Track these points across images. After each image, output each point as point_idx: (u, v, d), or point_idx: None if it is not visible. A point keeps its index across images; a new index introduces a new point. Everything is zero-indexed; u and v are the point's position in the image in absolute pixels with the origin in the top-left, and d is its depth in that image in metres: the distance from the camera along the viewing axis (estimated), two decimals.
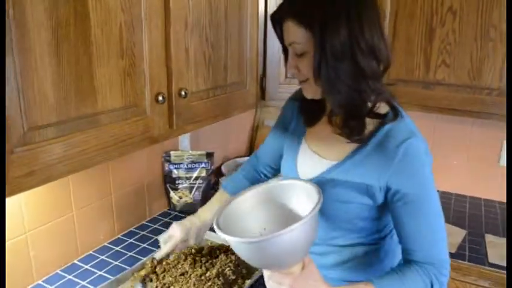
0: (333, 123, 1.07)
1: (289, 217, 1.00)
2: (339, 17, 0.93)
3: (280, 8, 1.03)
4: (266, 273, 0.97)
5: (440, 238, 1.04)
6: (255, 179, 1.44)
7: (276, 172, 1.43)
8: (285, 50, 1.09)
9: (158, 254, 1.33)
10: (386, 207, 1.07)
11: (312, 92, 1.06)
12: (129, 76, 1.06)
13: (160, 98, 1.14)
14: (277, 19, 1.04)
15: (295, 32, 0.99)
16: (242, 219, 1.02)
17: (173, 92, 1.19)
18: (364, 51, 0.95)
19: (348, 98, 0.99)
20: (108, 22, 0.98)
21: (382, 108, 1.05)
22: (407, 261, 1.05)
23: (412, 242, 1.03)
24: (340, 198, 1.07)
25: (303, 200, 1.00)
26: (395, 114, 1.04)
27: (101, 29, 0.96)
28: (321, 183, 1.06)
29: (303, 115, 1.20)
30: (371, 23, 0.96)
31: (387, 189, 1.02)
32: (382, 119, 1.03)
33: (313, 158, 1.14)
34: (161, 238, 1.34)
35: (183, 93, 1.21)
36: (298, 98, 1.20)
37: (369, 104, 1.02)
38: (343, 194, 1.06)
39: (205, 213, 1.36)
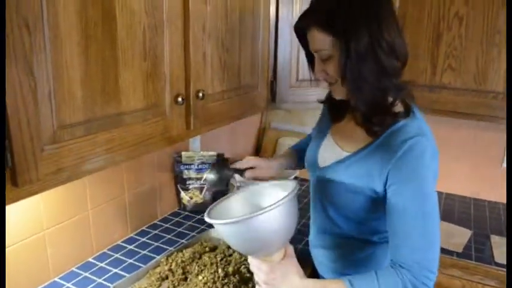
0: (355, 118, 1.13)
1: None
2: (359, 20, 0.99)
3: (304, 17, 1.08)
4: (249, 259, 1.05)
5: (429, 244, 1.02)
6: None
7: None
8: (309, 56, 1.15)
9: (237, 164, 1.40)
10: None
11: (341, 93, 1.10)
12: (151, 77, 1.09)
13: (179, 99, 1.17)
14: (302, 28, 1.10)
15: (320, 40, 1.04)
16: (231, 215, 1.09)
17: (191, 93, 1.23)
18: (385, 49, 1.00)
19: (372, 96, 1.04)
20: (132, 24, 1.01)
21: (398, 107, 1.09)
22: (391, 262, 1.05)
23: (397, 238, 1.03)
24: (349, 188, 1.12)
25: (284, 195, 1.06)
26: (407, 110, 1.08)
27: (126, 31, 1.00)
28: (333, 172, 1.16)
29: (330, 113, 1.28)
30: (388, 21, 1.01)
31: (386, 181, 1.04)
32: (397, 116, 1.07)
33: (334, 148, 1.21)
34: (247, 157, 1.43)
35: (200, 94, 1.24)
36: (325, 100, 1.29)
37: (390, 100, 1.07)
38: (351, 184, 1.11)
39: (279, 158, 1.51)
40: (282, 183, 1.13)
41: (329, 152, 1.22)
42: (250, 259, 1.05)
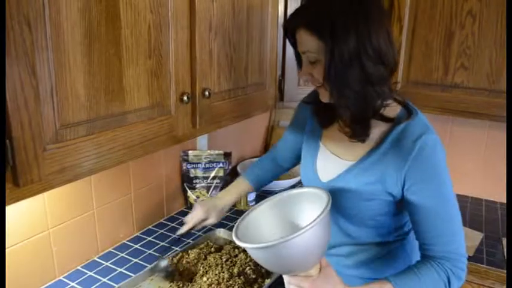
0: (340, 124, 1.11)
1: (304, 224, 1.02)
2: (347, 25, 0.95)
3: (293, 17, 1.05)
4: (286, 279, 0.99)
5: (457, 231, 1.04)
6: (276, 171, 1.52)
7: (296, 163, 1.49)
8: (298, 56, 1.11)
9: (180, 231, 1.41)
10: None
11: (327, 97, 1.07)
12: (156, 76, 1.07)
13: (185, 98, 1.16)
14: (290, 28, 1.06)
15: (308, 41, 1.01)
16: (259, 230, 1.05)
17: (197, 92, 1.21)
18: (372, 57, 0.96)
19: (354, 103, 1.01)
20: (137, 23, 0.99)
21: (393, 108, 1.07)
22: (424, 256, 1.06)
23: (429, 237, 1.04)
24: (362, 197, 1.09)
25: (314, 206, 1.02)
26: (409, 112, 1.06)
27: (131, 30, 0.98)
28: (342, 183, 1.10)
29: (317, 117, 1.23)
30: (378, 27, 0.97)
31: (404, 184, 1.04)
32: (391, 121, 1.05)
33: (333, 159, 1.17)
34: (185, 218, 1.42)
35: (206, 93, 1.23)
36: (311, 101, 1.23)
37: (377, 106, 1.03)
38: (364, 192, 1.08)
39: (225, 196, 1.47)
40: (312, 192, 1.06)
41: (328, 164, 1.18)
42: (287, 279, 0.98)
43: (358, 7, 0.96)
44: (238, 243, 0.94)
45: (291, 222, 1.07)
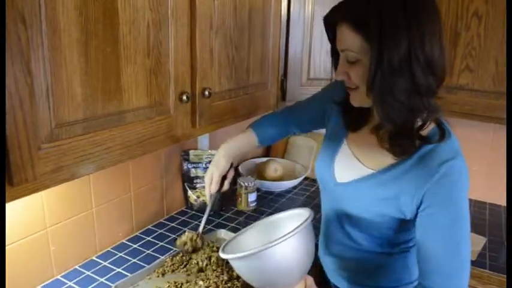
0: (380, 136, 1.01)
1: None
2: (400, 27, 0.86)
3: (336, 10, 0.96)
4: None
5: (462, 268, 0.97)
6: (284, 131, 1.41)
7: (306, 131, 1.44)
8: (334, 54, 1.04)
9: (212, 187, 1.33)
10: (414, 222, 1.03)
11: (360, 101, 1.01)
12: (154, 75, 1.06)
13: (184, 97, 1.14)
14: (331, 22, 0.98)
15: (350, 39, 0.92)
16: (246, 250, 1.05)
17: (197, 91, 1.20)
18: (423, 66, 0.88)
19: (399, 114, 0.92)
20: (136, 21, 0.98)
21: (429, 126, 1.00)
22: (420, 285, 1.00)
23: (431, 264, 0.98)
24: (373, 208, 1.06)
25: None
26: (442, 133, 0.98)
27: (129, 28, 0.97)
28: (356, 189, 1.07)
29: (345, 118, 1.15)
30: (432, 35, 0.88)
31: (420, 204, 0.98)
32: (426, 139, 0.97)
33: (353, 163, 1.11)
34: (206, 178, 1.34)
35: (206, 93, 1.21)
36: (341, 101, 1.14)
37: (419, 122, 0.96)
38: (376, 204, 1.04)
39: (235, 141, 1.34)
40: (297, 212, 1.08)
41: (348, 165, 1.12)
42: None
43: (412, 6, 0.87)
44: (222, 255, 0.97)
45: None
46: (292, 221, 1.05)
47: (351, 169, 1.11)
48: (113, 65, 0.95)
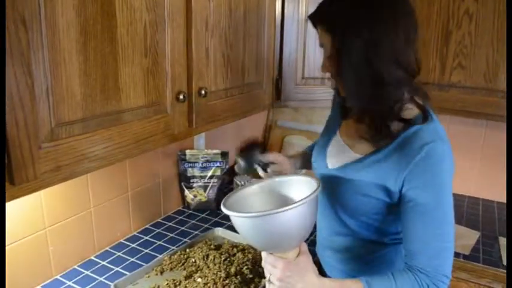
0: (360, 126, 1.09)
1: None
2: (358, 24, 0.96)
3: (313, 12, 1.08)
4: (263, 255, 1.02)
5: (445, 248, 1.01)
6: None
7: None
8: None
9: (266, 157, 1.39)
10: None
11: (341, 90, 1.10)
12: (152, 75, 1.07)
13: (181, 96, 1.16)
14: (312, 22, 1.10)
15: (323, 36, 1.05)
16: (245, 208, 1.06)
17: (193, 91, 1.21)
18: (383, 58, 0.96)
19: (369, 104, 1.02)
20: (133, 21, 0.99)
21: (411, 111, 1.05)
22: (406, 266, 1.03)
23: (415, 244, 1.01)
24: (360, 191, 1.10)
25: (304, 193, 1.02)
26: (425, 117, 1.03)
27: (126, 28, 0.98)
28: (344, 174, 1.12)
29: (341, 108, 1.24)
30: (397, 28, 0.96)
31: (402, 186, 1.02)
32: (409, 123, 1.03)
33: (343, 149, 1.18)
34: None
35: (202, 92, 1.23)
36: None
37: (395, 108, 1.02)
38: (362, 187, 1.09)
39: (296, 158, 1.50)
40: (301, 179, 1.09)
41: (339, 152, 1.19)
42: (264, 255, 1.02)
43: (371, 5, 0.97)
44: (225, 211, 0.96)
45: (279, 206, 1.08)
46: (297, 187, 1.08)
47: (341, 156, 1.17)
48: (111, 65, 0.96)
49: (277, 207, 0.94)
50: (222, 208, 0.98)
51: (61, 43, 0.85)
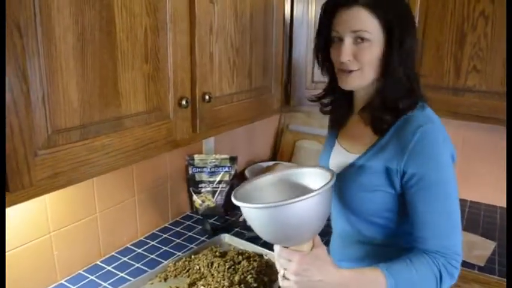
0: (364, 117, 1.12)
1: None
2: (409, 15, 1.06)
3: None
4: (276, 250, 0.98)
5: (454, 226, 1.03)
6: None
7: None
8: (323, 41, 1.12)
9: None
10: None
11: (359, 82, 1.07)
12: (153, 80, 1.06)
13: (183, 102, 1.14)
14: (338, 5, 1.04)
15: (367, 21, 1.01)
16: (256, 199, 1.02)
17: (197, 96, 1.19)
18: (414, 57, 1.08)
19: (397, 89, 1.05)
20: (133, 27, 0.98)
21: (403, 102, 1.08)
22: (418, 250, 1.04)
23: (425, 229, 1.02)
24: (365, 188, 1.08)
25: (316, 184, 1.00)
26: (415, 103, 1.06)
27: (126, 34, 0.97)
28: (347, 176, 1.11)
29: (331, 120, 1.28)
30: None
31: (403, 173, 1.02)
32: (401, 111, 1.07)
33: (342, 154, 1.18)
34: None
35: (206, 97, 1.21)
36: (325, 93, 1.25)
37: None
38: (366, 182, 1.08)
39: None
40: (313, 170, 1.06)
41: (339, 157, 1.18)
42: (277, 249, 0.98)
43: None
44: (235, 202, 0.92)
45: (294, 195, 1.05)
46: (310, 179, 1.05)
47: (342, 161, 1.16)
48: (110, 71, 0.95)
49: (290, 198, 0.91)
50: (233, 200, 0.94)
51: (57, 49, 0.84)
